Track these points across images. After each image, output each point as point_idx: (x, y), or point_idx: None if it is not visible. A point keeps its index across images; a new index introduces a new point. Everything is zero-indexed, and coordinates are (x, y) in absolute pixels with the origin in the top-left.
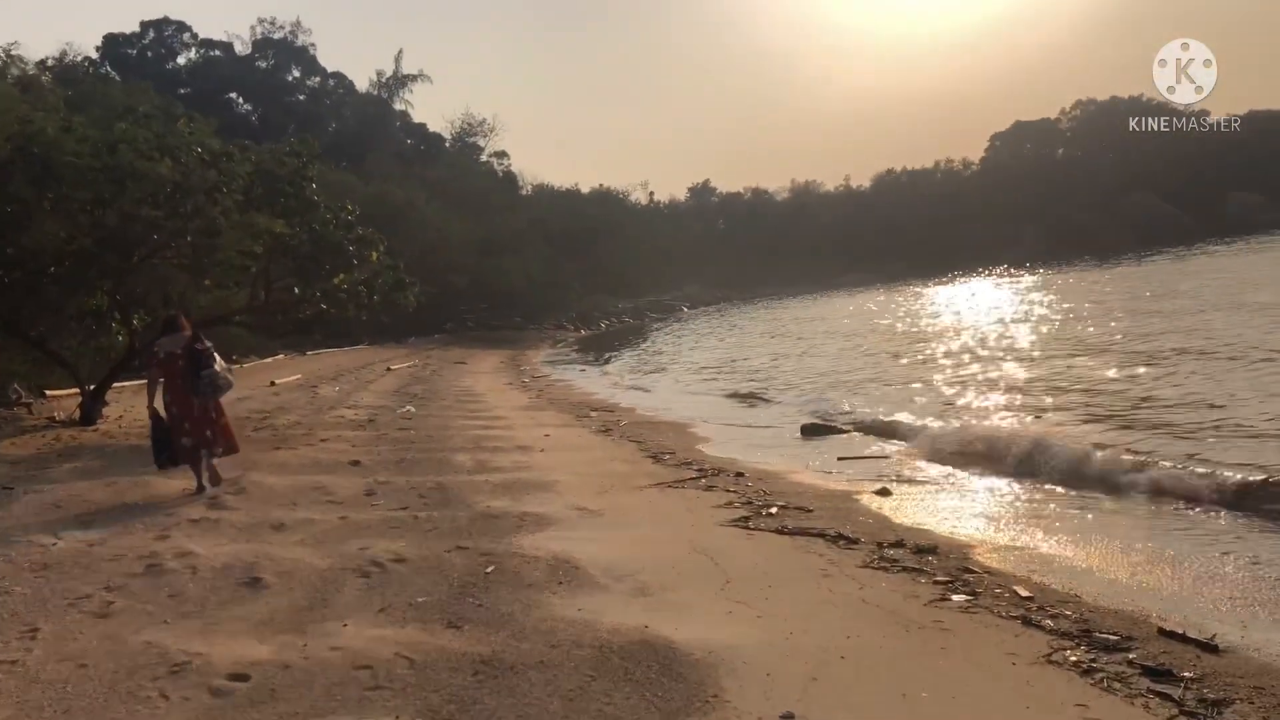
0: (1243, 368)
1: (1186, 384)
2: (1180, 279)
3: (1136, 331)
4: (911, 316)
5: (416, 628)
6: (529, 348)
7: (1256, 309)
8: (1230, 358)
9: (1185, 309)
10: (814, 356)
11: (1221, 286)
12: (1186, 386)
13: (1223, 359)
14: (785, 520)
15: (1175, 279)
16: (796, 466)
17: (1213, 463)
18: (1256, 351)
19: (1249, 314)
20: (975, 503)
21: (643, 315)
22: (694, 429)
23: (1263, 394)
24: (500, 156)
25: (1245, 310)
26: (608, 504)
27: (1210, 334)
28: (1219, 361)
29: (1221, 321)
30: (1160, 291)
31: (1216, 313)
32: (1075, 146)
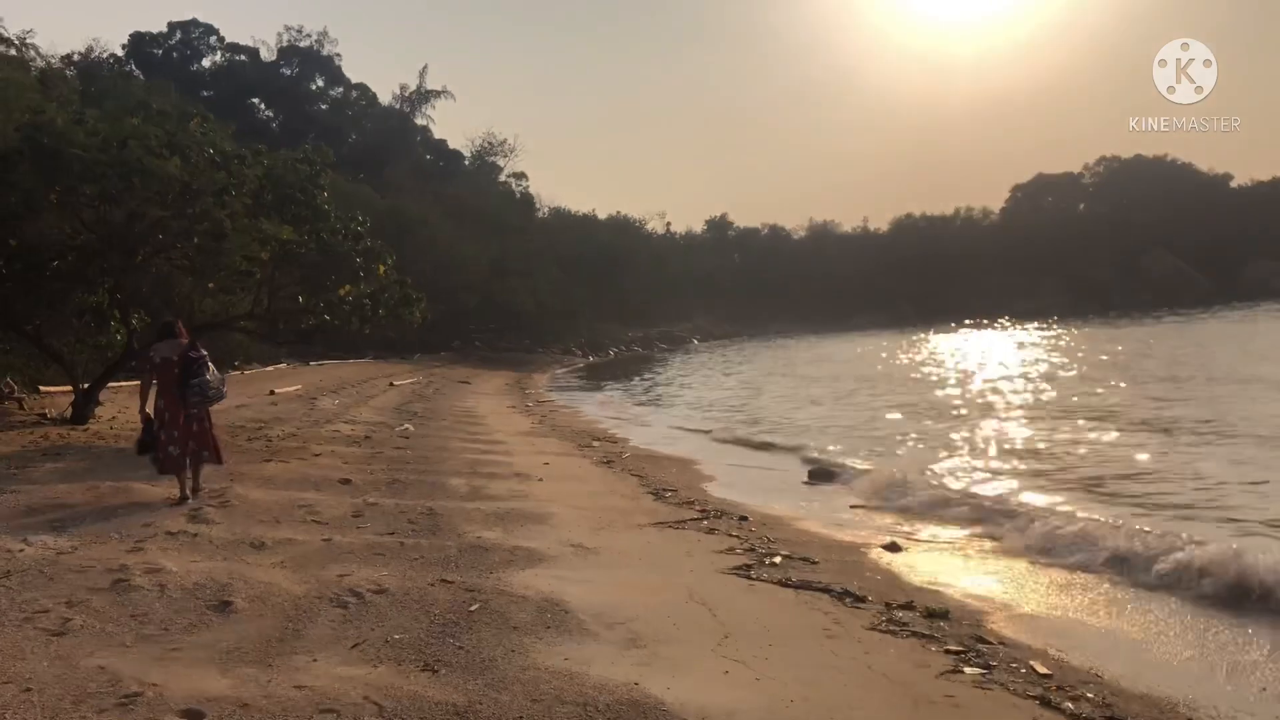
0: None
1: (1192, 462)
2: (1194, 344)
3: (1141, 400)
4: (923, 365)
5: (390, 668)
6: (535, 371)
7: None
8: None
9: (1193, 378)
10: (826, 400)
11: (1230, 356)
12: (1189, 464)
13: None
14: (789, 572)
15: (1189, 344)
16: (802, 513)
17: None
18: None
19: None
20: (989, 567)
21: (652, 345)
22: (698, 466)
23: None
24: (519, 178)
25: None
26: (604, 542)
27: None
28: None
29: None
30: (1175, 358)
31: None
32: (1097, 202)
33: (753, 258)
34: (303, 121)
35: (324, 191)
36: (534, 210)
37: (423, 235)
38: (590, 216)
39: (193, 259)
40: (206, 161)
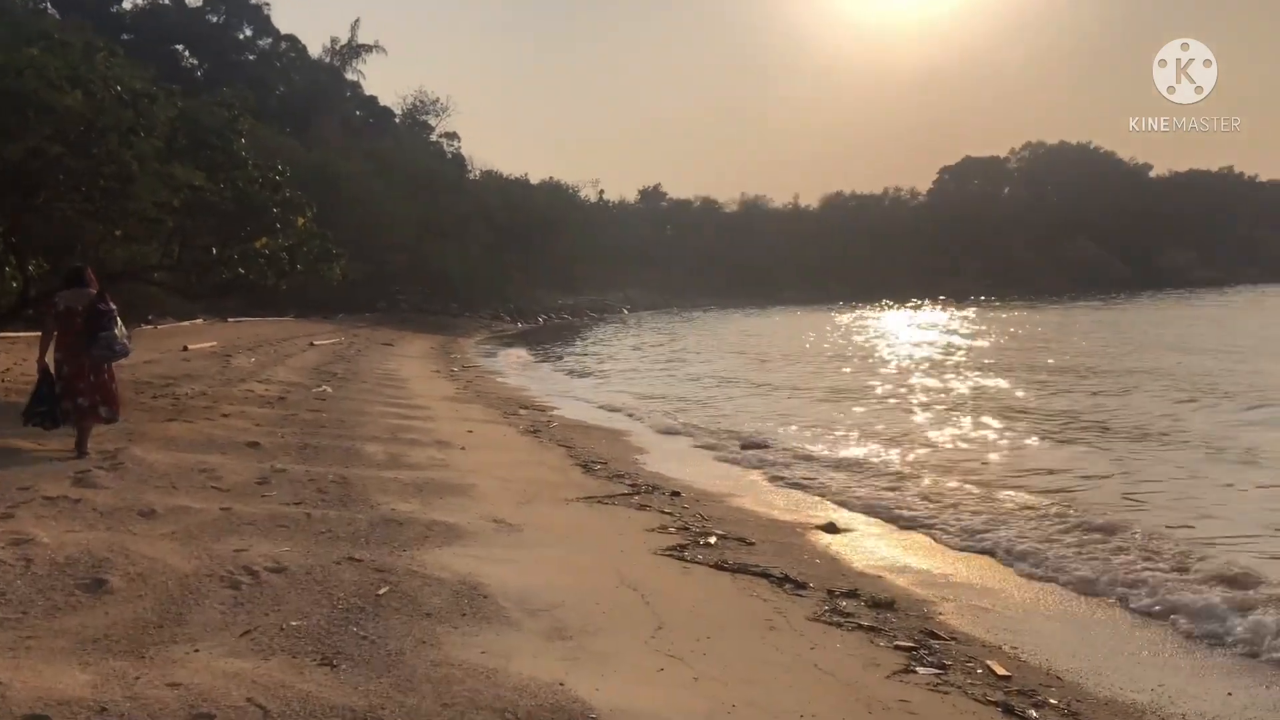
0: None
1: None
2: (1107, 329)
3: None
4: (850, 340)
5: (283, 662)
6: (462, 335)
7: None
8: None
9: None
10: (760, 373)
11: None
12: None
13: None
14: (725, 553)
15: (1100, 329)
16: (736, 489)
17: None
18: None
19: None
20: (932, 551)
21: (583, 313)
22: (628, 437)
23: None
24: (450, 138)
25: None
26: (528, 517)
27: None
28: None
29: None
30: (1077, 346)
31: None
32: (1021, 186)
33: (685, 230)
34: (228, 71)
35: (242, 138)
36: (465, 172)
37: (350, 192)
38: (523, 180)
39: (97, 203)
40: (113, 99)
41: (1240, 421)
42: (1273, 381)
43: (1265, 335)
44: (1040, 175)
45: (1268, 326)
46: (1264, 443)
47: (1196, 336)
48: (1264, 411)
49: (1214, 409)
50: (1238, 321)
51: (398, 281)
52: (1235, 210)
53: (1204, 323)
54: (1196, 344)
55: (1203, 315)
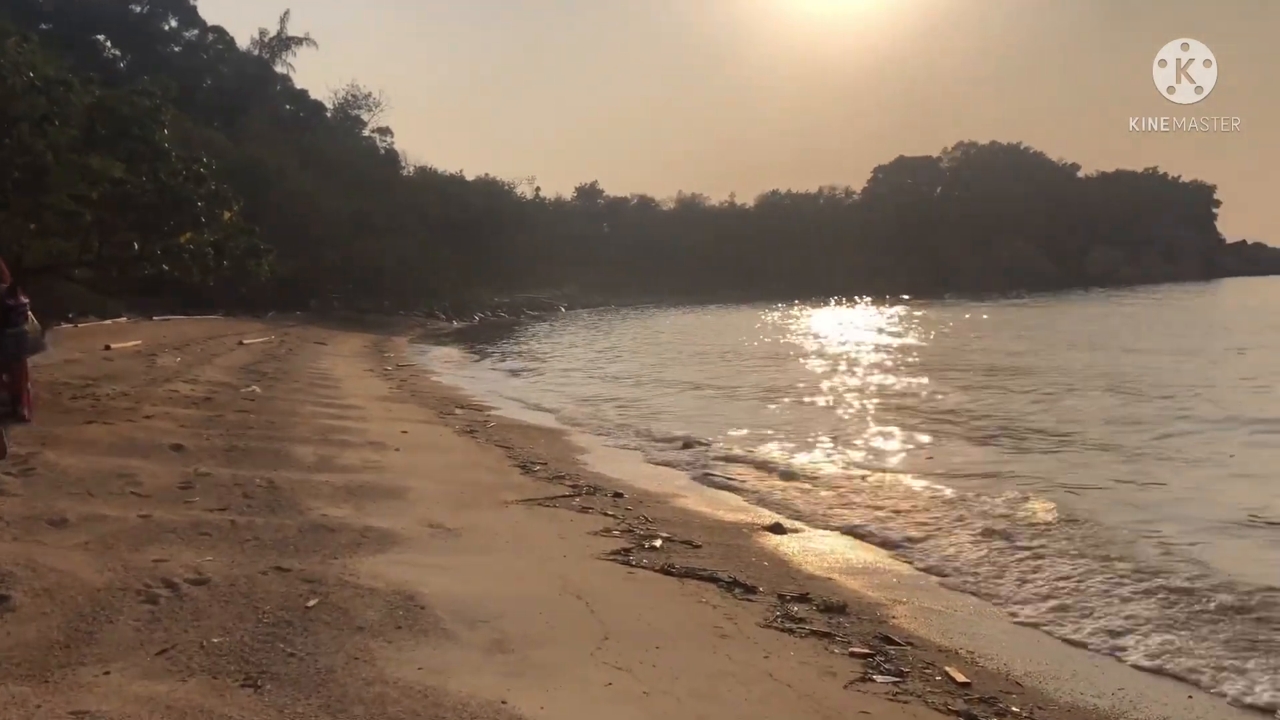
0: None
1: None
2: (1033, 327)
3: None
4: (787, 339)
5: (202, 683)
6: (396, 334)
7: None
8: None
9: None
10: (697, 372)
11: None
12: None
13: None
14: (671, 557)
15: (1025, 328)
16: (679, 489)
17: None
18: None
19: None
20: (878, 552)
21: (519, 311)
22: (568, 437)
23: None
24: (383, 133)
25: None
26: (466, 522)
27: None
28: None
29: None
30: (999, 345)
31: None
32: (954, 186)
33: (622, 227)
34: (153, 63)
35: (165, 128)
36: (399, 167)
37: (280, 187)
38: (458, 177)
39: (9, 195)
40: (25, 85)
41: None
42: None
43: (1180, 333)
44: (972, 175)
45: (1183, 324)
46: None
47: (1122, 337)
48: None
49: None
50: (1157, 320)
51: (330, 279)
52: (1159, 211)
53: (1126, 321)
54: (1122, 344)
55: (1128, 314)
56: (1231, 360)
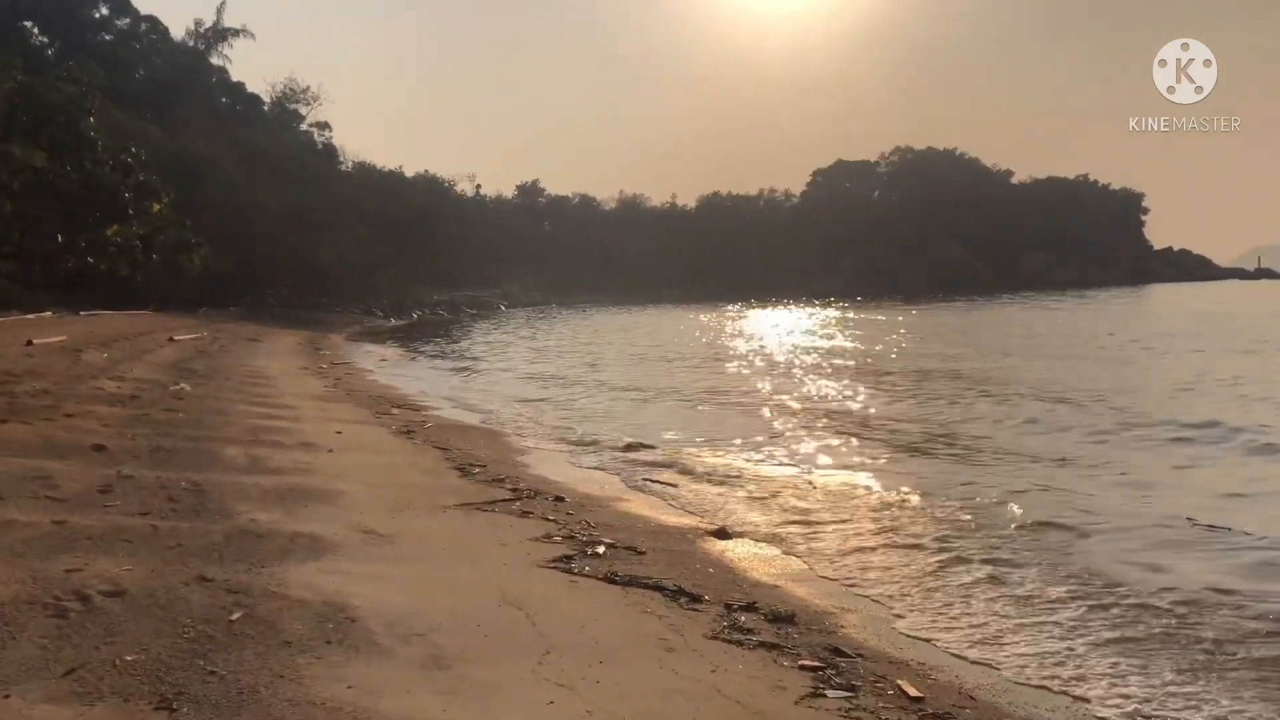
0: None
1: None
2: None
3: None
4: (726, 341)
5: (111, 707)
6: (333, 331)
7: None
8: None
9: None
10: (637, 374)
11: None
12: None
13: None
14: (615, 564)
15: (951, 330)
16: (622, 493)
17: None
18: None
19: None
20: (823, 558)
21: (459, 310)
22: (507, 438)
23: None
24: (322, 127)
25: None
26: (402, 527)
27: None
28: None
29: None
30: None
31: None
32: (891, 190)
33: (564, 226)
34: (83, 52)
35: (91, 116)
36: (337, 163)
37: (215, 181)
38: (397, 173)
39: None
40: None
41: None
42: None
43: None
44: (908, 179)
45: (1107, 328)
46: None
47: (1047, 341)
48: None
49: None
50: (1082, 324)
51: (265, 275)
52: (1089, 216)
53: (1049, 324)
54: (1046, 350)
55: (1052, 319)
56: (1155, 363)
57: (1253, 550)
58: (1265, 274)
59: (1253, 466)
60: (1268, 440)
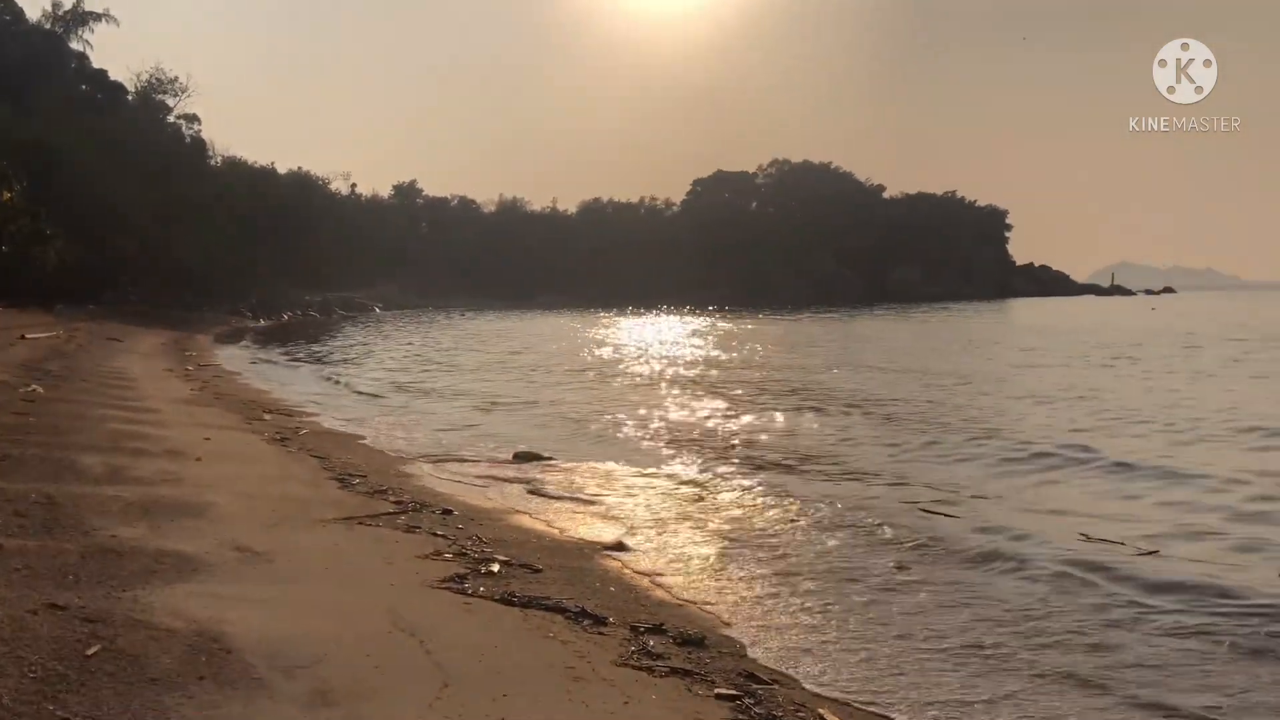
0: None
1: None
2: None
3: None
4: (603, 348)
5: None
6: (199, 331)
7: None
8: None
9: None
10: (518, 381)
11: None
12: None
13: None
14: (511, 583)
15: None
16: (511, 505)
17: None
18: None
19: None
20: (729, 565)
21: (332, 311)
22: (386, 446)
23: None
24: (190, 120)
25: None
26: (280, 543)
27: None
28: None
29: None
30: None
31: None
32: (768, 202)
33: (442, 228)
34: None
35: None
36: (206, 157)
37: (71, 172)
38: (269, 169)
39: None
40: None
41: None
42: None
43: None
44: (785, 191)
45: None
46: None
47: (912, 354)
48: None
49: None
50: (938, 335)
51: (128, 271)
52: (956, 232)
53: (910, 337)
54: (905, 363)
55: (915, 330)
56: (1012, 378)
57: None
58: (1118, 290)
59: (1112, 483)
60: (1121, 460)
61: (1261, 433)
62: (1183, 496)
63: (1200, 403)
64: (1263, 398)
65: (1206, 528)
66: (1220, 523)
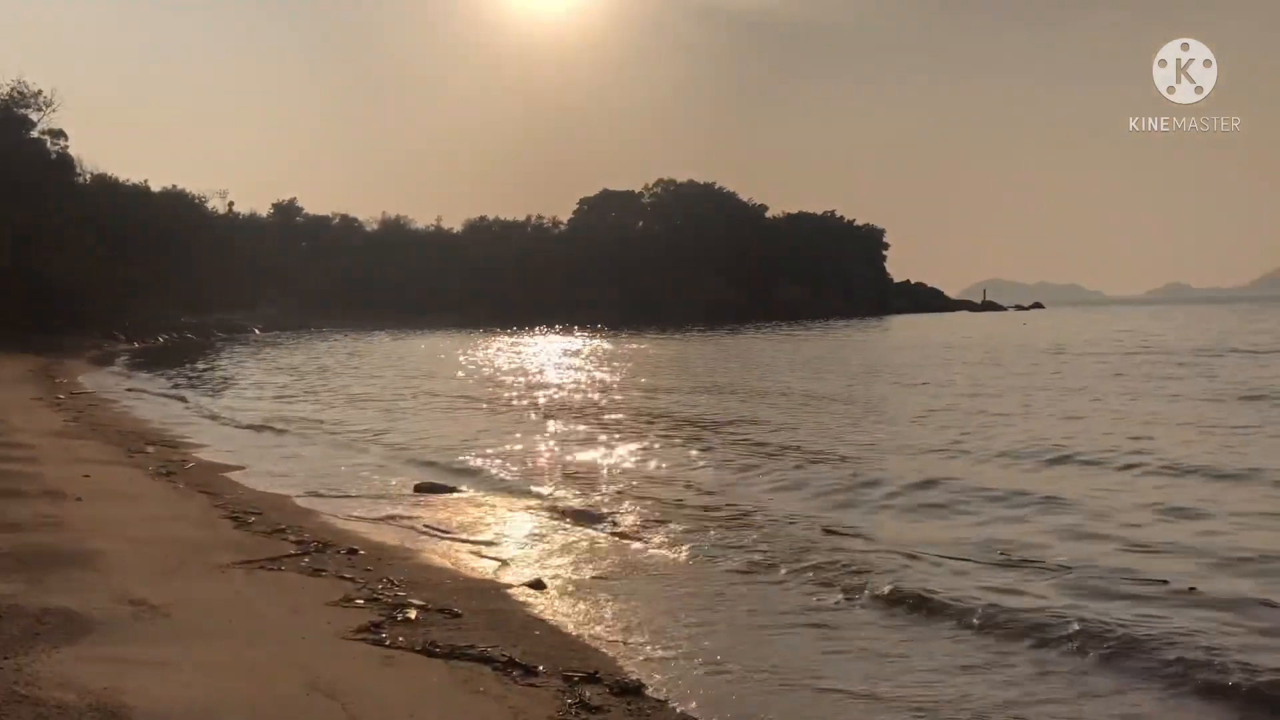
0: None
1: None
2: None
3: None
4: (493, 369)
5: None
6: (69, 357)
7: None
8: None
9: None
10: (411, 402)
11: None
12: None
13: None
14: (431, 631)
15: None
16: (417, 542)
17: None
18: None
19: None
20: (648, 601)
21: (209, 333)
22: (282, 480)
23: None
24: (55, 136)
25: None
26: (177, 594)
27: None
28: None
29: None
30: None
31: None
32: (654, 221)
33: (323, 247)
34: None
35: None
36: (74, 174)
37: None
38: (142, 188)
39: None
40: None
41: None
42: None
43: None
44: (671, 211)
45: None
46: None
47: (774, 371)
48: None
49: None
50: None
51: None
52: (836, 250)
53: (781, 354)
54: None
55: (791, 347)
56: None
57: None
58: (990, 306)
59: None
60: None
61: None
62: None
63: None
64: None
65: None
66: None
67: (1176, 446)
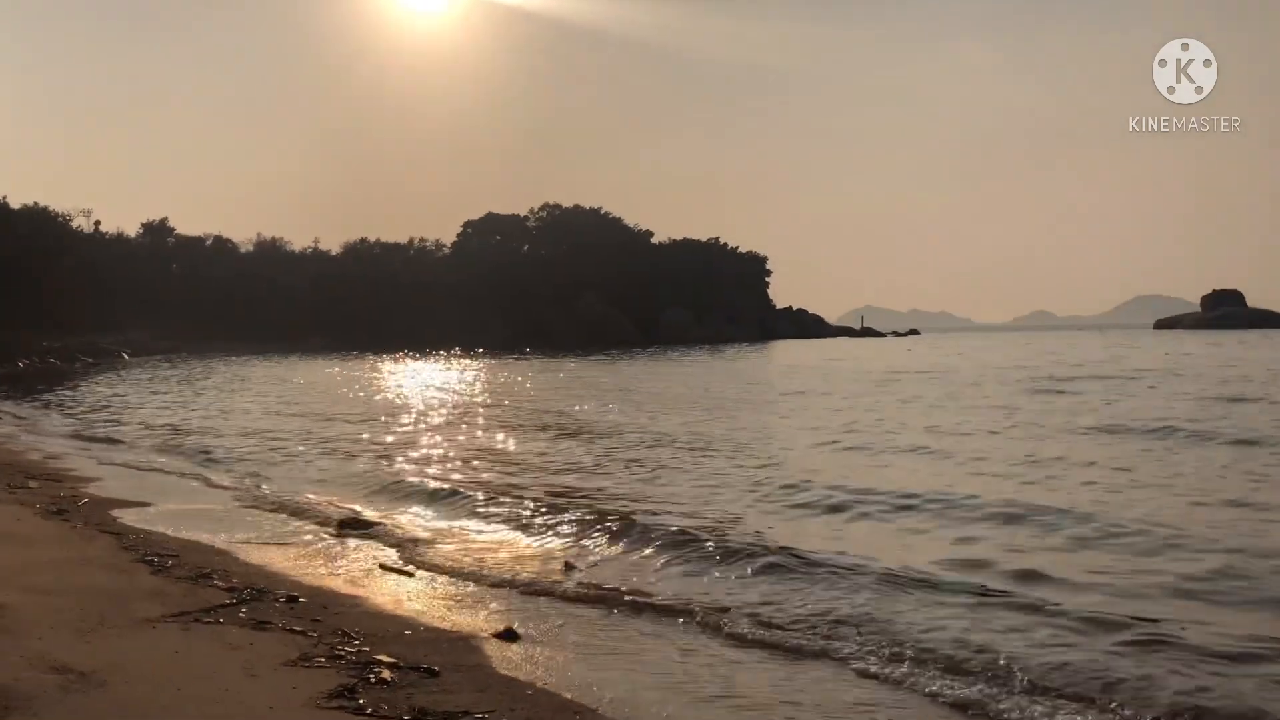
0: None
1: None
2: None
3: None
4: (374, 393)
5: None
6: None
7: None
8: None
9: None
10: (299, 430)
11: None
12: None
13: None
14: (414, 695)
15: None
16: (360, 583)
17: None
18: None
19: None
20: (631, 652)
21: (74, 358)
22: (190, 512)
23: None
24: None
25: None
26: (106, 656)
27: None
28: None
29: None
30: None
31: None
32: (539, 245)
33: (196, 268)
34: None
35: None
36: None
37: None
38: None
39: None
40: None
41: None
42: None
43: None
44: (556, 235)
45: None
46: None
47: (670, 393)
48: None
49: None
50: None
51: None
52: (721, 276)
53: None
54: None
55: (675, 371)
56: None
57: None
58: (868, 332)
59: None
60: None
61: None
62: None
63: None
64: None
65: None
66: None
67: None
